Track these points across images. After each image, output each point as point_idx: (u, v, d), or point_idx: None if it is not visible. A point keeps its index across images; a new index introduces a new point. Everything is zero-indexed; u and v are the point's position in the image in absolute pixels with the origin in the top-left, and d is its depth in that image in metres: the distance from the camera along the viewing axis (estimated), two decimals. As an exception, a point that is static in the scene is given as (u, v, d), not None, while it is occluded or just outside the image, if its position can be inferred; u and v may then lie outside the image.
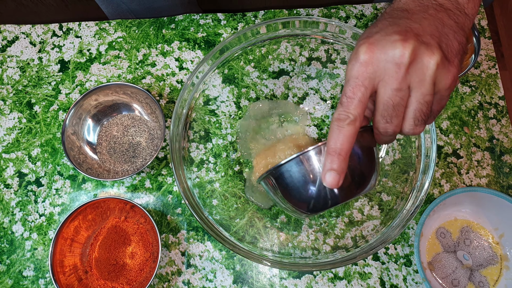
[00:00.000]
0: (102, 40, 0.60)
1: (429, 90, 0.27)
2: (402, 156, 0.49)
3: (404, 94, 0.28)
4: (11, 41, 0.61)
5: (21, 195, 0.54)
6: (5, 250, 0.52)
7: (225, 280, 0.50)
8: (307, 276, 0.50)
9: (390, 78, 0.27)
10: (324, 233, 0.49)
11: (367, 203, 0.50)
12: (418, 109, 0.28)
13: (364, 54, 0.28)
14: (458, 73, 0.28)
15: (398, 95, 0.28)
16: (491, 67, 0.57)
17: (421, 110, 0.28)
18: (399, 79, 0.27)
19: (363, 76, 0.28)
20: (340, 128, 0.28)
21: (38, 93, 0.58)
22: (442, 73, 0.27)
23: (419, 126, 0.29)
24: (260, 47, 0.53)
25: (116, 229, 0.51)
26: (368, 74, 0.28)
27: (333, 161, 0.29)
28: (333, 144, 0.29)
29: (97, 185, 0.54)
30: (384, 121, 0.29)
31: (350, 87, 0.28)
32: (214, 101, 0.54)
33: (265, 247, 0.48)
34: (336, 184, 0.29)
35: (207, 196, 0.49)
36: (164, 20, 0.61)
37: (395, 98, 0.28)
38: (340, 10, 0.60)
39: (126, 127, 0.55)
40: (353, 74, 0.28)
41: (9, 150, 0.56)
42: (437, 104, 0.29)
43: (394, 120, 0.29)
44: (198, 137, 0.52)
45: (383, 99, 0.28)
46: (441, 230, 0.51)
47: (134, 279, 0.49)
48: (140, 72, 0.59)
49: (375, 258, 0.51)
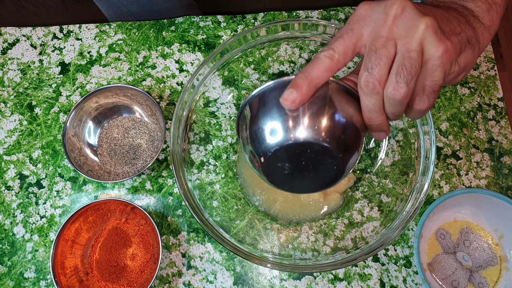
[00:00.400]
0: (103, 43, 0.60)
1: (415, 46, 0.26)
2: (401, 158, 0.49)
3: (386, 43, 0.27)
4: (12, 43, 0.61)
5: (22, 197, 0.55)
6: (6, 251, 0.52)
7: (226, 281, 0.51)
8: (307, 277, 0.51)
9: (377, 25, 0.28)
10: (324, 234, 0.49)
11: (367, 204, 0.50)
12: (401, 64, 0.26)
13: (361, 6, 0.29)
14: (453, 51, 0.27)
15: (381, 42, 0.27)
16: (490, 69, 0.57)
17: (403, 66, 0.26)
18: (385, 27, 0.27)
19: (353, 21, 0.28)
20: (317, 59, 0.28)
21: (39, 95, 0.58)
22: (432, 39, 0.26)
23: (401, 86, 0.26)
24: (259, 49, 0.53)
25: (117, 231, 0.51)
26: (359, 21, 0.28)
27: (297, 81, 0.28)
28: (305, 69, 0.28)
29: (97, 187, 0.55)
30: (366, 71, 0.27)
31: (340, 30, 0.29)
32: (214, 103, 0.54)
33: (265, 248, 0.48)
34: (291, 101, 0.28)
35: (207, 197, 0.50)
36: (164, 23, 0.61)
37: (378, 43, 0.27)
38: (340, 12, 0.61)
39: (126, 129, 0.56)
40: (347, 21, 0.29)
41: (10, 152, 0.56)
42: (428, 77, 0.27)
43: (375, 69, 0.27)
44: (198, 139, 0.52)
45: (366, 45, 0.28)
46: (441, 231, 0.52)
47: (134, 280, 0.49)
48: (140, 74, 0.59)
49: (375, 260, 0.51)
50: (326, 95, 0.30)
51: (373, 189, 0.50)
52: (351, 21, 0.29)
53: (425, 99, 0.28)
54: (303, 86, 0.28)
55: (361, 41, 0.28)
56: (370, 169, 0.52)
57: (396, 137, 0.50)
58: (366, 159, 0.52)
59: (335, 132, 0.29)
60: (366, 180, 0.52)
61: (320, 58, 0.28)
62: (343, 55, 0.28)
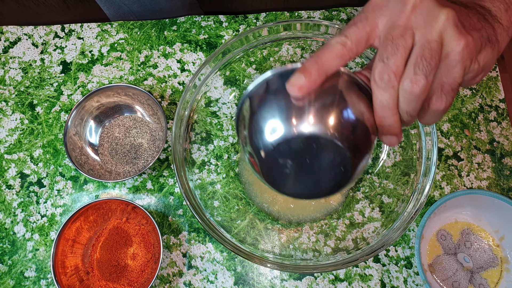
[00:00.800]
0: (104, 42, 0.60)
1: (434, 36, 0.24)
2: (402, 159, 0.49)
3: (404, 32, 0.25)
4: (14, 42, 0.61)
5: (23, 196, 0.55)
6: (7, 250, 0.52)
7: (226, 281, 0.50)
8: (308, 277, 0.51)
9: (393, 14, 0.26)
10: (325, 235, 0.49)
11: (368, 205, 0.50)
12: (420, 54, 0.25)
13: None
14: (473, 47, 0.25)
15: (398, 31, 0.25)
16: (492, 70, 0.57)
17: (423, 56, 0.24)
18: (403, 16, 0.25)
19: (368, 9, 0.27)
20: (328, 44, 0.26)
21: (40, 94, 0.58)
22: (453, 31, 0.24)
23: (419, 78, 0.24)
24: (261, 49, 0.53)
25: (118, 230, 0.51)
26: (375, 9, 0.26)
27: (306, 65, 0.25)
28: (315, 55, 0.26)
29: (98, 186, 0.55)
30: (381, 62, 0.25)
31: (354, 18, 0.27)
32: (216, 103, 0.54)
33: (266, 248, 0.48)
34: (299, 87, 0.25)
35: (208, 197, 0.50)
36: (166, 22, 0.61)
37: (395, 33, 0.25)
38: (342, 12, 0.61)
39: (128, 128, 0.56)
40: (362, 10, 0.27)
41: (11, 151, 0.56)
42: (447, 74, 0.25)
43: (391, 60, 0.25)
44: (200, 139, 0.52)
45: (382, 34, 0.26)
46: (442, 232, 0.52)
47: (135, 280, 0.49)
48: (142, 74, 0.59)
49: (376, 260, 0.51)
50: (336, 87, 0.27)
51: (374, 190, 0.50)
52: (366, 9, 0.27)
53: (443, 98, 0.26)
54: (312, 71, 0.25)
55: (376, 31, 0.27)
56: (371, 169, 0.52)
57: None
58: (367, 159, 0.52)
59: (345, 129, 0.26)
60: (367, 181, 0.51)
61: (332, 44, 0.26)
62: (356, 43, 0.26)
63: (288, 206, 0.52)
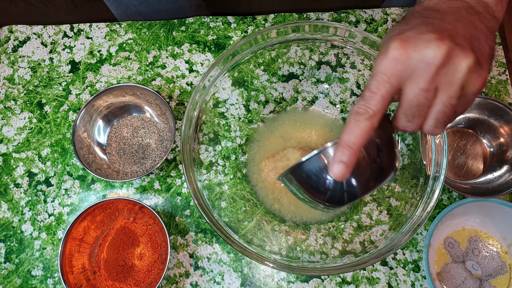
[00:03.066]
0: (113, 42, 0.61)
1: (456, 93, 0.27)
2: (411, 162, 0.49)
3: (430, 95, 0.27)
4: (23, 41, 0.61)
5: (31, 194, 0.55)
6: (14, 249, 0.53)
7: (233, 282, 0.50)
8: (315, 280, 0.50)
9: (419, 77, 0.26)
10: (333, 237, 0.49)
11: (376, 208, 0.50)
12: (441, 111, 0.27)
13: (395, 50, 0.27)
14: (487, 78, 0.27)
15: (424, 95, 0.27)
16: (501, 73, 0.57)
17: (444, 113, 0.27)
18: (428, 79, 0.26)
19: (390, 73, 0.27)
20: (357, 122, 0.27)
21: (48, 94, 0.59)
22: (473, 78, 0.26)
23: (439, 128, 0.28)
24: (270, 51, 0.53)
25: (125, 230, 0.51)
26: (397, 71, 0.27)
27: (344, 153, 0.28)
28: (347, 137, 0.28)
29: (106, 186, 0.55)
30: (405, 120, 0.29)
31: (375, 82, 0.27)
32: (224, 104, 0.54)
33: (273, 250, 0.48)
34: (342, 176, 0.28)
35: (216, 198, 0.50)
36: (175, 23, 0.61)
37: (421, 98, 0.27)
38: (350, 14, 0.60)
39: (136, 128, 0.56)
40: (380, 69, 0.27)
41: (20, 149, 0.56)
42: (461, 107, 0.28)
43: (415, 120, 0.28)
44: (208, 140, 0.52)
45: (408, 97, 0.27)
46: (449, 240, 0.51)
47: (142, 280, 0.49)
48: (150, 74, 0.59)
49: (383, 263, 0.51)
50: None
51: (382, 193, 0.50)
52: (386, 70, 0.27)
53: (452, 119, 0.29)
54: (351, 158, 0.28)
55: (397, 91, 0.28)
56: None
57: (406, 141, 0.50)
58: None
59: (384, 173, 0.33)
60: (375, 184, 0.51)
61: (360, 122, 0.27)
62: (381, 112, 0.28)
63: (296, 205, 0.52)
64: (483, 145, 0.54)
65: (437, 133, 0.29)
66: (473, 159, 0.54)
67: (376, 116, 0.27)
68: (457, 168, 0.54)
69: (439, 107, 0.27)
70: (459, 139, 0.55)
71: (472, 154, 0.54)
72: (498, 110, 0.51)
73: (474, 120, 0.54)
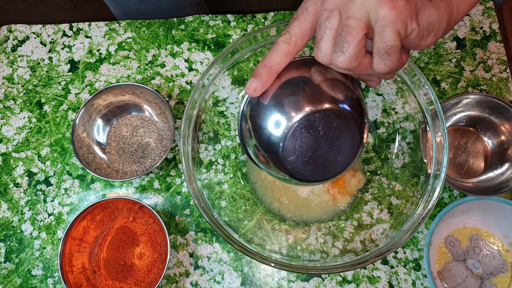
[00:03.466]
0: (112, 41, 0.60)
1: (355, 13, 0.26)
2: (412, 160, 0.49)
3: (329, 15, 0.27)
4: (22, 40, 0.61)
5: (30, 194, 0.55)
6: (14, 249, 0.53)
7: (233, 282, 0.50)
8: (315, 279, 0.50)
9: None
10: (333, 236, 0.49)
11: (377, 206, 0.50)
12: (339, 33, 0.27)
13: None
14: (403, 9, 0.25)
15: (325, 15, 0.27)
16: (502, 71, 0.57)
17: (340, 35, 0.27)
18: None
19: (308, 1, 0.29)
20: (276, 45, 0.29)
21: (48, 93, 0.59)
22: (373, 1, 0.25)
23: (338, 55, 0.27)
24: (269, 49, 0.53)
25: (125, 230, 0.51)
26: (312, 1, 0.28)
27: (258, 70, 0.29)
28: (265, 58, 0.30)
29: (105, 185, 0.55)
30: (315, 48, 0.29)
31: (296, 11, 0.29)
32: (223, 103, 0.54)
33: (273, 249, 0.47)
34: (253, 90, 0.30)
35: (215, 197, 0.49)
36: (174, 21, 0.61)
37: (322, 17, 0.28)
38: (350, 12, 0.60)
39: (135, 127, 0.56)
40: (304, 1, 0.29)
41: (19, 149, 0.56)
42: (379, 39, 0.27)
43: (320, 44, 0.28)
44: (207, 138, 0.52)
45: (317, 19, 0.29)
46: (450, 238, 0.51)
47: (142, 279, 0.49)
48: (149, 73, 0.59)
49: (384, 262, 0.51)
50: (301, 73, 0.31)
51: (383, 191, 0.50)
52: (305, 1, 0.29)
53: (381, 62, 0.27)
54: (263, 74, 0.29)
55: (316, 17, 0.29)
56: (380, 170, 0.51)
57: (407, 139, 0.50)
58: (376, 160, 0.52)
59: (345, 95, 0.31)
60: (376, 182, 0.51)
61: (278, 43, 0.29)
62: (301, 36, 0.29)
63: (296, 204, 0.52)
64: (484, 143, 0.54)
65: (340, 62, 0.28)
66: (474, 157, 0.54)
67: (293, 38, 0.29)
68: (458, 166, 0.54)
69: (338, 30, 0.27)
70: (460, 137, 0.55)
71: (473, 152, 0.54)
72: (499, 108, 0.51)
73: (475, 118, 0.54)
